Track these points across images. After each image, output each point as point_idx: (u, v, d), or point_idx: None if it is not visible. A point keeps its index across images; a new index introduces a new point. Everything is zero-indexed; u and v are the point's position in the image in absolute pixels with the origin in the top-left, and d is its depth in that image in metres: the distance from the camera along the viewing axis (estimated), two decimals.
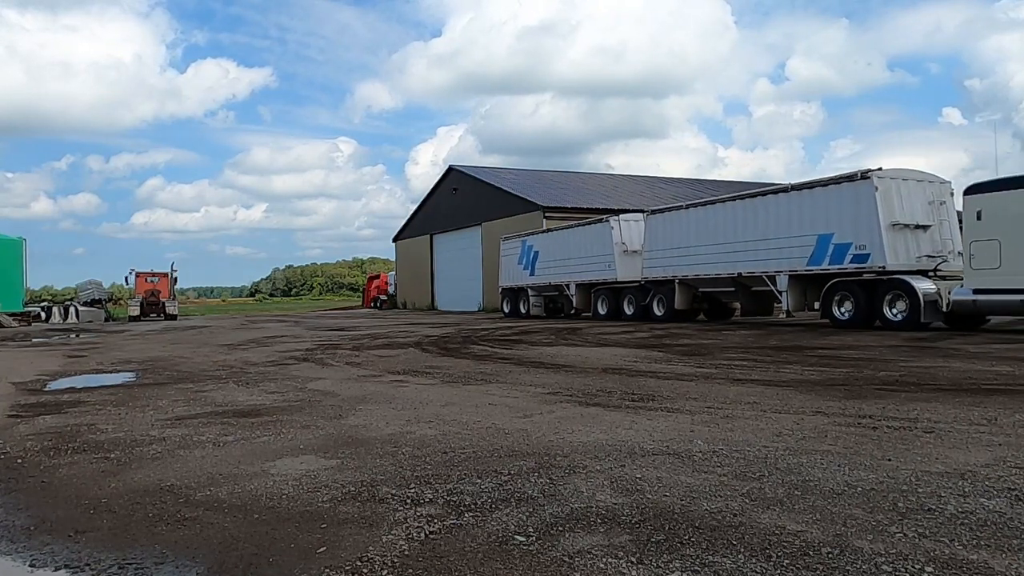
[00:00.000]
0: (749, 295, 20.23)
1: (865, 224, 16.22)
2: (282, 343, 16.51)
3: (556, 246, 27.79)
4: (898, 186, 16.39)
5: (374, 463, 4.54)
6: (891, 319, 15.58)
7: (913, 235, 16.27)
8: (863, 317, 16.13)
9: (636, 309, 23.21)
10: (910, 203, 16.38)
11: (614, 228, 24.59)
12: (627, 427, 5.49)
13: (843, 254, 16.73)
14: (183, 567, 2.97)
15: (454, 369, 10.12)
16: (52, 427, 6.16)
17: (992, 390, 7.04)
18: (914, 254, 16.13)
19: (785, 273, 18.08)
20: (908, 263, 15.96)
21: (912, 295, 15.14)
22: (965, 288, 14.33)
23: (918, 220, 16.32)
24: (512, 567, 2.83)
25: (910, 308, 15.22)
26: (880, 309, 15.83)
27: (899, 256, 15.97)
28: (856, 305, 16.36)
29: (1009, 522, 3.17)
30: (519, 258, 30.06)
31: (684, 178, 56.38)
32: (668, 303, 21.86)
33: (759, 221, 19.01)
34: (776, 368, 9.31)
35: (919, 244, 16.25)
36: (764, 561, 2.80)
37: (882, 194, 15.99)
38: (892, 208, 16.08)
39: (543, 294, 29.03)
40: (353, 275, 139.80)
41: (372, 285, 58.30)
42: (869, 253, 16.15)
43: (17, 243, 33.07)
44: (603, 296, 24.95)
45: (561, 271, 27.20)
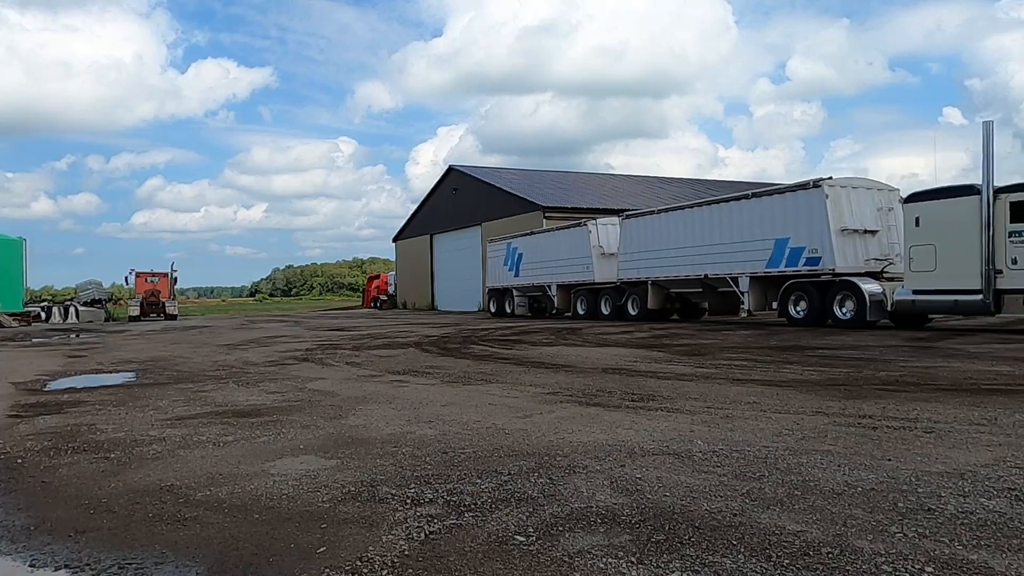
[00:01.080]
0: (716, 295, 21.25)
1: (817, 229, 17.31)
2: (282, 343, 16.51)
3: (539, 248, 28.79)
4: (848, 194, 17.46)
5: (374, 463, 4.55)
6: (841, 317, 16.58)
7: (862, 239, 17.25)
8: (816, 316, 17.14)
9: (612, 309, 24.29)
10: (859, 210, 17.40)
11: (592, 232, 25.62)
12: (627, 427, 5.49)
13: (798, 257, 17.89)
14: (183, 567, 2.97)
15: (454, 369, 10.13)
16: (52, 427, 6.16)
17: (992, 390, 7.04)
18: (863, 257, 17.10)
19: (747, 275, 19.23)
20: (857, 266, 16.93)
21: (859, 295, 16.16)
22: (906, 289, 15.48)
23: (867, 225, 17.34)
24: (512, 567, 2.83)
25: (858, 307, 16.21)
26: (831, 308, 16.85)
27: (848, 259, 17.00)
28: (810, 305, 17.40)
29: (1009, 522, 3.17)
30: (504, 260, 31.16)
31: (684, 178, 56.40)
32: (642, 303, 22.94)
33: (724, 226, 20.14)
34: (776, 368, 9.31)
35: (867, 248, 17.23)
36: (764, 561, 2.80)
37: (832, 201, 17.09)
38: (842, 214, 17.17)
39: (527, 294, 30.09)
40: (353, 275, 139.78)
41: (372, 285, 58.27)
42: (821, 256, 17.23)
43: (17, 243, 33.07)
44: (582, 296, 26.05)
45: (544, 272, 28.23)
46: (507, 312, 30.38)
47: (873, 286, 16.24)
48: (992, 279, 13.87)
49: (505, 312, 30.50)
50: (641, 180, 51.74)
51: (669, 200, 34.11)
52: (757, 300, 19.25)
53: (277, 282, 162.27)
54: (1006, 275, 13.74)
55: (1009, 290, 13.73)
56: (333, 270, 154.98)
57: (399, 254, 53.39)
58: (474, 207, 41.38)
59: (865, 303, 16.02)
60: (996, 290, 13.89)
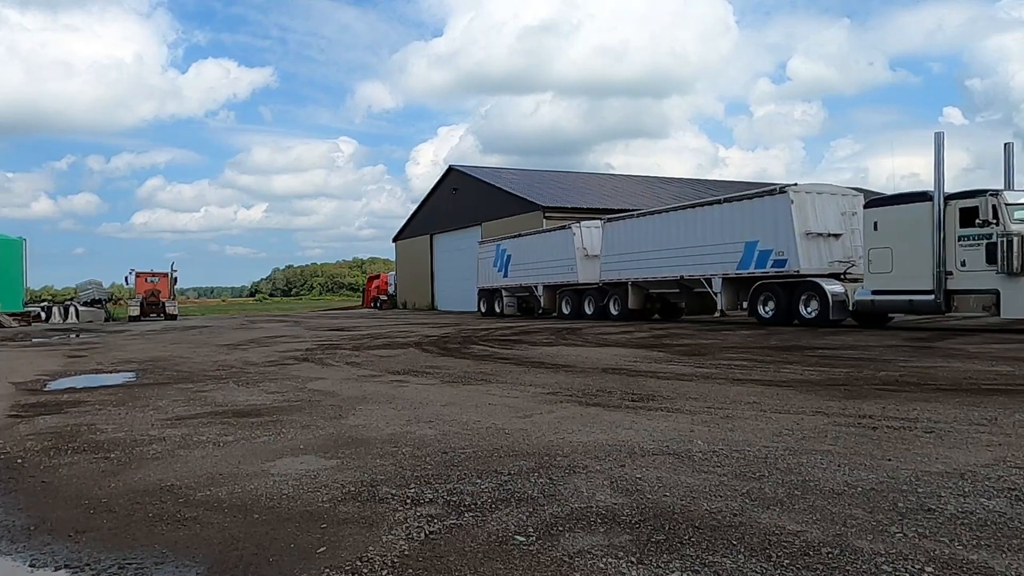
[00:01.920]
0: (692, 296, 22.07)
1: (783, 233, 18.16)
2: (282, 343, 16.51)
3: (526, 250, 29.61)
4: (813, 199, 18.33)
5: (374, 463, 4.54)
6: (806, 316, 17.44)
7: (826, 242, 18.11)
8: (783, 315, 17.93)
9: (595, 309, 25.05)
10: (824, 214, 18.25)
11: (575, 234, 26.45)
12: (627, 427, 5.49)
13: (766, 259, 18.76)
14: (183, 567, 2.97)
15: (454, 369, 10.12)
16: (52, 427, 6.16)
17: (992, 390, 7.04)
18: (826, 259, 17.93)
19: (719, 276, 20.08)
20: (821, 267, 17.76)
21: (823, 295, 17.01)
22: (865, 289, 16.36)
23: (831, 229, 18.15)
24: (512, 567, 2.83)
25: (821, 307, 17.06)
26: (797, 308, 17.68)
27: (812, 261, 17.86)
28: (777, 304, 18.23)
29: (1009, 522, 3.17)
30: (494, 261, 31.93)
31: (684, 178, 56.39)
32: (623, 303, 23.79)
33: (698, 229, 21.04)
34: (776, 368, 9.31)
35: (831, 250, 18.07)
36: (764, 561, 2.80)
37: (797, 207, 17.98)
38: (806, 219, 18.03)
39: (516, 295, 30.83)
40: (353, 275, 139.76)
41: (372, 285, 58.27)
42: (787, 258, 18.12)
43: (17, 243, 33.07)
44: (567, 297, 26.89)
45: (531, 273, 29.06)
46: (496, 312, 31.19)
47: (836, 287, 17.02)
48: (943, 280, 14.69)
49: (494, 312, 31.32)
50: (641, 180, 51.74)
51: (669, 200, 34.16)
52: (729, 300, 20.06)
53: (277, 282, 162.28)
54: (956, 276, 14.59)
55: (958, 291, 14.60)
56: (333, 270, 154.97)
57: (399, 254, 53.37)
58: (474, 207, 41.37)
59: (828, 303, 16.79)
60: (947, 290, 14.74)
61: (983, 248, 14.19)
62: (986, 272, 14.14)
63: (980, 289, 14.34)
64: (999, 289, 14.00)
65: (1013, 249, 13.67)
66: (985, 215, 14.21)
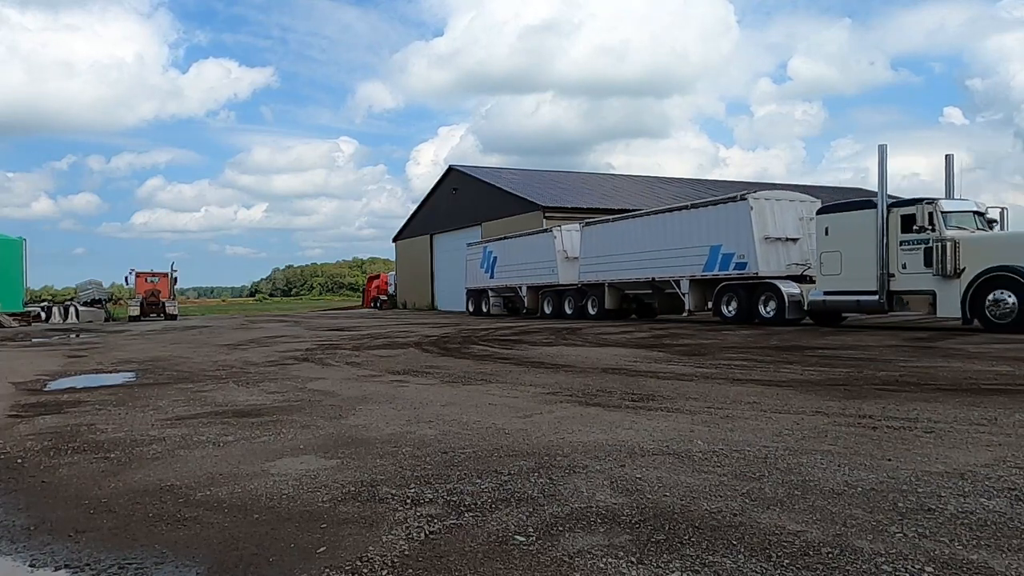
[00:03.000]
0: (664, 296, 23.34)
1: (744, 237, 19.35)
2: (282, 343, 16.51)
3: (511, 252, 30.77)
4: (771, 206, 19.55)
5: (374, 463, 4.55)
6: (765, 316, 18.57)
7: (784, 246, 19.31)
8: (744, 314, 19.11)
9: (575, 309, 26.31)
10: (782, 220, 19.44)
11: (556, 237, 27.64)
12: (627, 427, 5.49)
13: (728, 262, 19.93)
14: (183, 567, 2.97)
15: (454, 369, 10.12)
16: (52, 427, 6.16)
17: (992, 390, 7.04)
18: (784, 262, 19.10)
19: (687, 278, 21.34)
20: (779, 270, 18.93)
21: (780, 296, 18.18)
22: (818, 290, 17.54)
23: (789, 234, 19.33)
24: (512, 567, 2.83)
25: (778, 306, 18.22)
26: (757, 308, 18.84)
27: (771, 264, 19.03)
28: (739, 304, 19.37)
29: (1009, 522, 3.17)
30: (481, 262, 33.18)
31: (684, 178, 56.39)
32: (600, 303, 24.99)
33: (667, 233, 22.24)
34: (776, 368, 9.31)
35: (789, 254, 19.26)
36: (764, 561, 2.80)
37: (756, 213, 19.17)
38: (765, 224, 19.19)
39: (502, 295, 32.07)
40: (353, 275, 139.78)
41: (372, 285, 58.29)
42: (747, 262, 19.30)
43: (17, 243, 33.06)
44: (548, 297, 28.09)
45: (515, 275, 30.27)
46: (483, 312, 32.45)
47: (792, 288, 18.14)
48: (886, 282, 15.88)
49: (482, 311, 32.59)
50: (641, 180, 51.74)
51: (669, 200, 34.21)
52: (696, 300, 21.29)
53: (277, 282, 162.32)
54: (898, 278, 15.81)
55: (900, 291, 15.84)
56: (333, 270, 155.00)
57: (399, 254, 53.36)
58: (474, 207, 41.36)
59: (785, 303, 17.97)
60: (889, 291, 15.94)
61: (921, 252, 15.35)
62: (924, 274, 15.27)
63: (919, 290, 15.48)
64: (935, 290, 15.16)
65: (947, 253, 14.80)
66: (922, 222, 15.31)
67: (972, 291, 14.50)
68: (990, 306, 14.37)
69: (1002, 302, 14.16)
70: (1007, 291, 14.11)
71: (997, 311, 14.24)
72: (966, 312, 14.62)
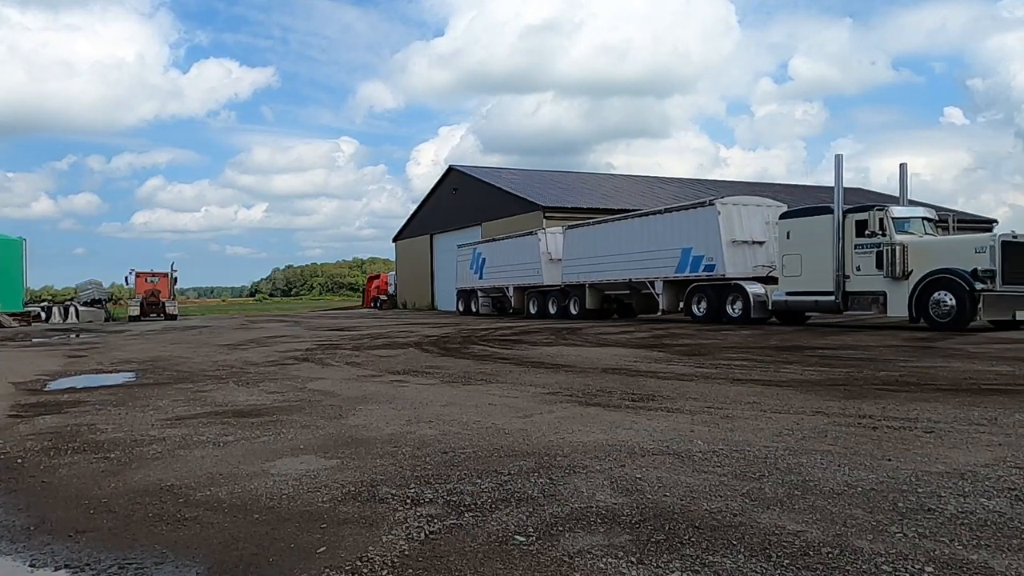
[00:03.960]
0: (640, 296, 24.29)
1: (712, 241, 20.32)
2: (282, 343, 16.51)
3: (499, 254, 31.77)
4: (739, 211, 20.57)
5: (374, 463, 4.55)
6: (732, 315, 19.49)
7: (751, 249, 20.28)
8: (713, 314, 20.04)
9: (558, 309, 27.33)
10: (749, 224, 20.43)
11: (541, 240, 28.60)
12: (627, 427, 5.49)
13: (699, 264, 20.89)
14: (183, 567, 2.97)
15: (454, 369, 10.12)
16: (52, 427, 6.16)
17: (992, 390, 7.04)
18: (751, 264, 20.10)
19: (661, 279, 22.35)
20: (746, 271, 19.91)
21: (746, 296, 19.16)
22: (780, 291, 18.57)
23: (755, 237, 20.28)
24: (512, 567, 2.83)
25: (744, 306, 19.15)
26: (724, 307, 19.74)
27: (738, 266, 19.98)
28: (708, 304, 20.35)
29: (1009, 522, 3.18)
30: (471, 264, 34.18)
31: (684, 178, 56.39)
32: (582, 303, 25.97)
33: (643, 237, 23.26)
34: (776, 368, 9.31)
35: (756, 256, 20.22)
36: (764, 561, 2.80)
37: (724, 217, 20.16)
38: (732, 228, 20.16)
39: (490, 295, 32.97)
40: (353, 275, 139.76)
41: (372, 285, 58.25)
42: (715, 264, 20.24)
43: (17, 243, 33.05)
44: (533, 297, 29.10)
45: (503, 275, 31.26)
46: (473, 311, 33.63)
47: (757, 288, 19.13)
48: (842, 283, 16.93)
49: (471, 311, 33.78)
50: (641, 180, 51.74)
51: (669, 200, 34.28)
52: (670, 300, 22.34)
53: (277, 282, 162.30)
54: (852, 280, 16.84)
55: (854, 292, 16.86)
56: (333, 270, 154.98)
57: (399, 254, 53.34)
58: (474, 207, 41.35)
59: (750, 303, 18.95)
60: (845, 292, 16.94)
61: (874, 255, 16.39)
62: (876, 276, 16.34)
63: (871, 291, 16.54)
64: (886, 291, 16.24)
65: (896, 256, 15.90)
66: (873, 227, 16.36)
67: (917, 292, 15.53)
68: (932, 306, 15.37)
69: (942, 302, 15.21)
70: (947, 292, 15.15)
71: (938, 311, 15.27)
72: (912, 311, 15.64)
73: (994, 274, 14.75)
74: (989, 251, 14.97)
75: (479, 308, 33.31)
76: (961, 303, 14.89)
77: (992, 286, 14.74)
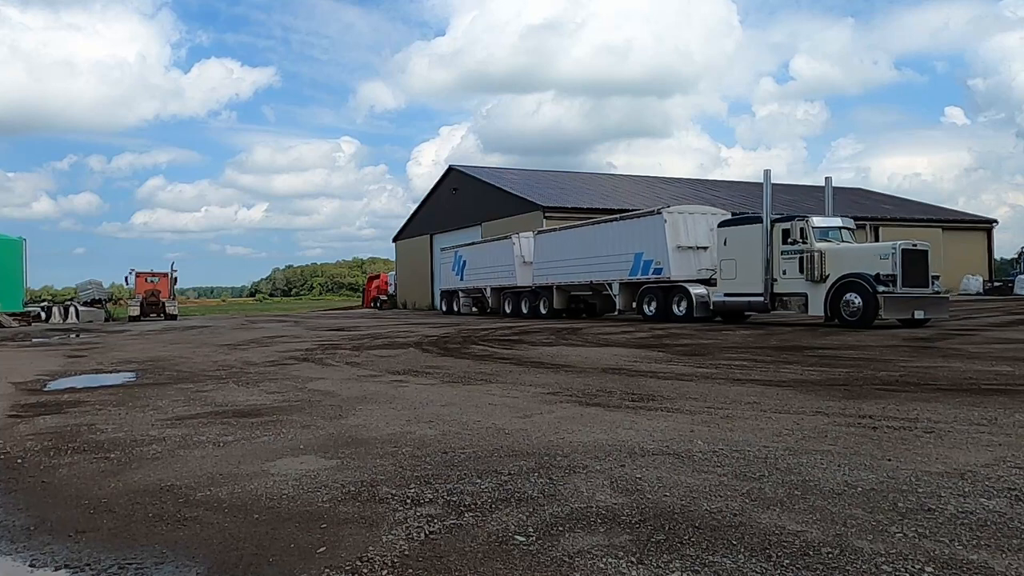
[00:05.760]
0: (601, 297, 25.96)
1: (660, 246, 21.97)
2: (282, 343, 16.51)
3: (478, 256, 33.55)
4: (684, 218, 22.29)
5: (374, 463, 4.55)
6: (677, 314, 21.19)
7: (696, 254, 21.77)
8: (662, 313, 21.74)
9: (530, 308, 28.86)
10: (694, 230, 22.00)
11: (515, 244, 30.20)
12: (627, 427, 5.49)
13: (649, 268, 22.57)
14: (183, 567, 2.97)
15: (454, 369, 10.12)
16: (52, 427, 6.16)
17: (992, 390, 7.04)
18: (696, 267, 21.56)
19: (617, 281, 24.00)
20: (691, 274, 21.41)
21: (689, 297, 20.82)
22: (719, 292, 20.15)
23: (700, 243, 21.77)
24: (512, 567, 2.83)
25: (688, 306, 20.84)
26: (671, 307, 21.50)
27: (683, 269, 21.53)
28: (657, 304, 22.02)
29: (1009, 522, 3.18)
30: (452, 266, 35.69)
31: (684, 178, 56.42)
32: (550, 303, 27.59)
33: (602, 242, 24.94)
34: (776, 368, 9.31)
35: (700, 260, 21.66)
36: (764, 561, 2.80)
37: (670, 225, 21.87)
38: (678, 235, 21.82)
39: (471, 296, 34.45)
40: (353, 275, 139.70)
41: (372, 285, 58.24)
42: (663, 267, 21.90)
43: (17, 243, 33.05)
44: (508, 298, 30.58)
45: (481, 277, 32.96)
46: (455, 311, 35.26)
47: (700, 290, 20.72)
48: (770, 285, 18.59)
49: (453, 311, 35.42)
50: (641, 180, 51.76)
51: (669, 200, 34.37)
52: (625, 301, 23.95)
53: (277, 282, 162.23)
54: (779, 282, 18.50)
55: (781, 293, 18.52)
56: (333, 270, 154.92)
57: (399, 254, 53.35)
58: (474, 207, 41.36)
59: (693, 303, 20.60)
60: (773, 294, 18.59)
61: (797, 261, 18.01)
62: (799, 279, 17.98)
63: (795, 292, 18.18)
64: (807, 293, 17.82)
65: (815, 262, 17.54)
66: (795, 235, 18.05)
67: (831, 293, 17.18)
68: (844, 306, 16.93)
69: (851, 303, 16.80)
70: (855, 293, 16.74)
71: (848, 310, 16.81)
72: (827, 311, 17.21)
73: (895, 278, 16.37)
74: (891, 258, 16.62)
75: (460, 308, 34.88)
76: (867, 303, 16.41)
77: (893, 289, 16.32)
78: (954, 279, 43.28)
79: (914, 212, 48.23)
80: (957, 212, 51.56)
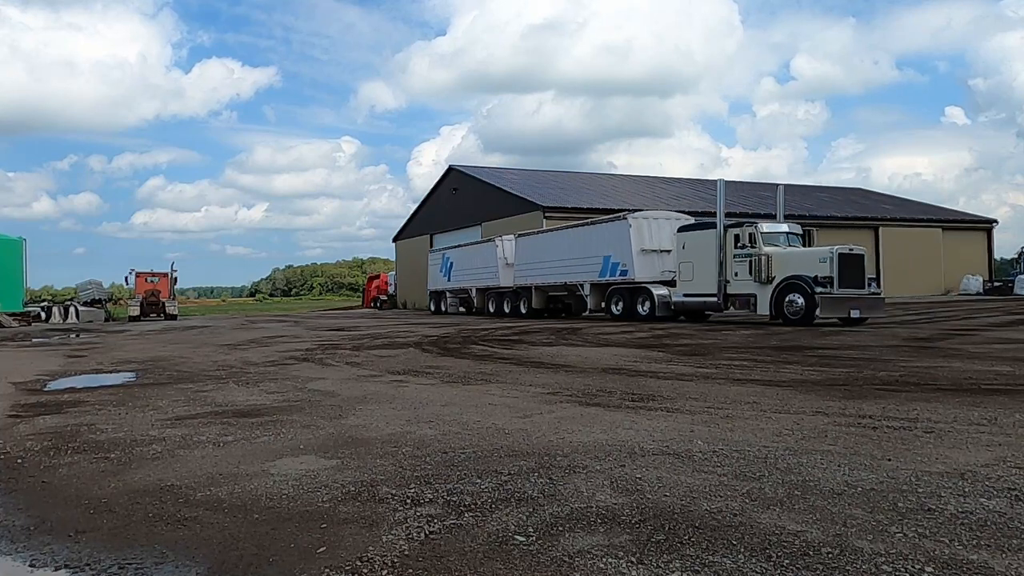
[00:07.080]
0: (575, 298, 27.42)
1: (626, 250, 23.44)
2: (282, 343, 16.51)
3: (464, 258, 34.81)
4: (649, 224, 23.71)
5: (374, 463, 4.55)
6: (641, 314, 22.57)
7: (659, 257, 23.07)
8: (628, 312, 23.12)
9: (511, 308, 30.18)
10: (659, 235, 23.35)
11: (498, 246, 31.49)
12: (627, 427, 5.49)
13: (616, 270, 24.03)
14: (183, 567, 2.97)
15: (454, 369, 10.12)
16: (52, 427, 6.16)
17: (992, 390, 7.04)
18: (658, 270, 22.90)
19: (588, 283, 25.44)
20: (654, 276, 22.79)
21: (652, 298, 22.25)
22: (679, 293, 21.50)
23: (663, 246, 23.06)
24: (512, 567, 2.83)
25: (651, 306, 22.20)
26: (636, 307, 22.88)
27: (647, 271, 22.96)
28: (624, 304, 23.50)
29: (1009, 522, 3.18)
30: (440, 267, 36.95)
31: (684, 178, 56.40)
32: (529, 303, 28.98)
33: (576, 245, 26.32)
34: (776, 368, 9.31)
35: (663, 263, 22.94)
36: (764, 561, 2.80)
37: (635, 230, 23.31)
38: (642, 239, 23.25)
39: (457, 296, 35.73)
40: (353, 275, 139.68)
41: (372, 285, 58.23)
42: (628, 270, 23.35)
43: (17, 243, 33.05)
44: (492, 298, 31.96)
45: (466, 278, 34.26)
46: (443, 311, 36.56)
47: (662, 291, 22.13)
48: (723, 287, 19.91)
49: (441, 310, 36.79)
50: (642, 180, 51.78)
51: (669, 200, 34.52)
52: (595, 301, 25.29)
53: (277, 282, 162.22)
54: (732, 284, 19.82)
55: (733, 294, 19.84)
56: (333, 270, 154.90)
57: (399, 254, 53.36)
58: (474, 207, 41.38)
59: (655, 303, 22.03)
60: (726, 294, 19.88)
61: (747, 264, 19.33)
62: (748, 281, 19.28)
63: (745, 293, 19.46)
64: (756, 294, 19.11)
65: (762, 265, 18.85)
66: (745, 240, 19.44)
67: (776, 294, 18.48)
68: (787, 305, 18.22)
69: (793, 302, 18.11)
70: (797, 294, 18.05)
71: (791, 309, 18.09)
72: (772, 310, 18.53)
73: (832, 280, 17.64)
74: (829, 261, 17.90)
75: (447, 307, 36.06)
76: (807, 303, 17.72)
77: (830, 289, 17.58)
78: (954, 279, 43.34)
79: (914, 212, 48.24)
80: (957, 212, 51.56)
